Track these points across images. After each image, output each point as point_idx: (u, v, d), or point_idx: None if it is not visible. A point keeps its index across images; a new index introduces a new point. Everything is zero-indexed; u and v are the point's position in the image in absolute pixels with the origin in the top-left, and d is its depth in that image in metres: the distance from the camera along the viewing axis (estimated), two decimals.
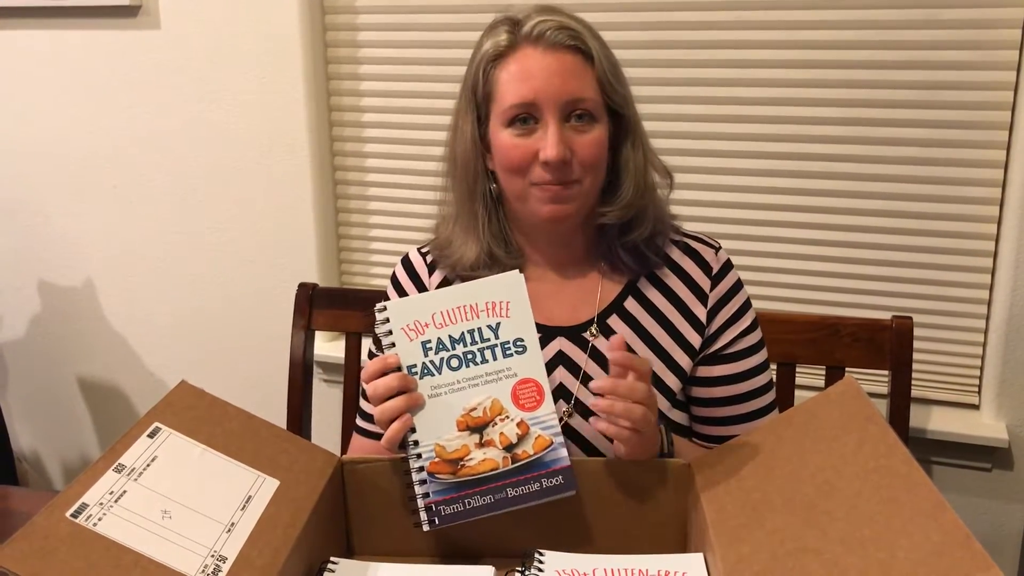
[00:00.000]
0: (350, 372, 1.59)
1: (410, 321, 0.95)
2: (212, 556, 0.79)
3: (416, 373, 0.95)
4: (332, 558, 0.93)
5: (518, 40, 1.05)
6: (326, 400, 2.03)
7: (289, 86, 1.97)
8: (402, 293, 1.21)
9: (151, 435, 0.89)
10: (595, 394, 0.94)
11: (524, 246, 1.15)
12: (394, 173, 2.01)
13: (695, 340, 1.12)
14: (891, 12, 1.59)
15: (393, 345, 0.95)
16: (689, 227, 1.19)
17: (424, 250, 1.22)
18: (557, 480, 0.93)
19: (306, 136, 1.99)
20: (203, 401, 0.97)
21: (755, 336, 1.15)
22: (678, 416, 1.15)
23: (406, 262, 1.22)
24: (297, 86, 1.96)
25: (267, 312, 2.15)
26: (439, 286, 1.18)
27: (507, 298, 0.95)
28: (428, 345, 0.95)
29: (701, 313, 1.13)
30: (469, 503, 0.93)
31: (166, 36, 2.05)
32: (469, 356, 0.95)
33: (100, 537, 0.76)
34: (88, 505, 0.78)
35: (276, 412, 1.35)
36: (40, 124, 2.22)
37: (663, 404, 1.11)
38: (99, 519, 0.77)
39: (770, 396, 1.15)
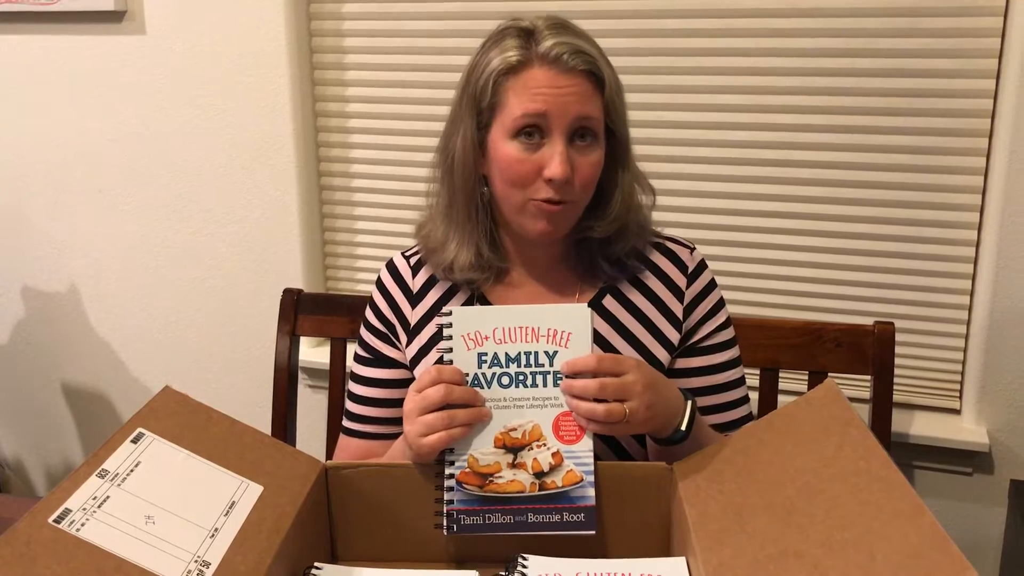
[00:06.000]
0: (335, 378, 1.59)
1: (471, 331, 0.95)
2: (196, 561, 0.79)
3: (467, 382, 0.96)
4: (316, 563, 0.93)
5: (533, 57, 1.04)
6: (311, 406, 2.03)
7: (275, 91, 1.97)
8: (387, 296, 1.21)
9: (135, 440, 0.89)
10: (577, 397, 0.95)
11: (510, 248, 1.17)
12: (379, 179, 2.01)
13: (673, 336, 1.15)
14: (872, 20, 1.61)
15: (451, 350, 0.95)
16: (670, 232, 1.21)
17: (408, 253, 1.23)
18: (579, 517, 0.94)
19: (291, 142, 1.99)
20: (187, 407, 0.96)
21: (729, 332, 1.18)
22: None
23: (391, 266, 1.24)
24: (283, 91, 1.96)
25: (252, 318, 2.14)
26: (424, 286, 1.19)
27: (570, 329, 0.95)
28: (484, 357, 0.95)
29: (678, 309, 1.15)
30: (489, 518, 0.94)
31: (151, 42, 2.04)
32: (521, 377, 0.95)
33: (83, 543, 0.76)
34: (71, 511, 0.78)
35: (261, 418, 1.35)
36: (25, 129, 2.21)
37: None
38: (82, 524, 0.77)
39: (743, 391, 1.19)
